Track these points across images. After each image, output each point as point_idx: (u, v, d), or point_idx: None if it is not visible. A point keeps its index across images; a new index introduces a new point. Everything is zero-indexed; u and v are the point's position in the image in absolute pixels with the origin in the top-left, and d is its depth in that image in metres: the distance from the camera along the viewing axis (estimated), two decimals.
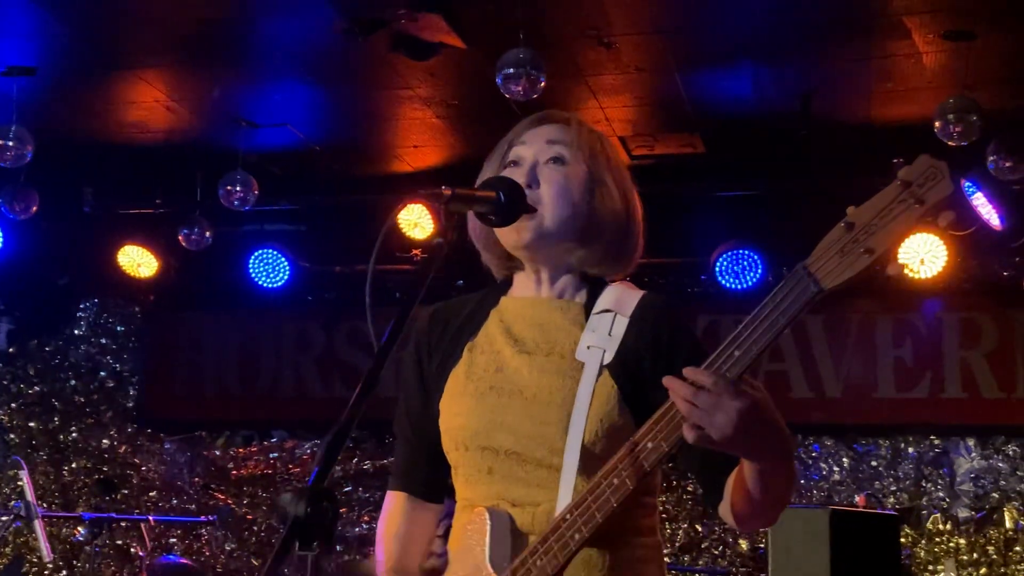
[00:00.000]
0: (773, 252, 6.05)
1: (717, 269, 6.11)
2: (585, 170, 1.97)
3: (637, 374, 1.87)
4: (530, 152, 1.99)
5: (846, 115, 5.34)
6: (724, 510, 1.87)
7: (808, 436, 6.33)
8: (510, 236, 1.95)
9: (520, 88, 4.28)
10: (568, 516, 1.76)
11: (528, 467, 1.87)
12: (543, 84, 4.33)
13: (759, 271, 6.09)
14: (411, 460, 2.08)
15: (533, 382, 1.90)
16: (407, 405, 2.08)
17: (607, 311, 1.95)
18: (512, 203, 1.82)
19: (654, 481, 1.98)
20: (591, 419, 1.84)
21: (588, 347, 1.91)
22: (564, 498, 1.80)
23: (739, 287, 6.10)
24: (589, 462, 1.79)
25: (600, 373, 1.88)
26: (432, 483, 2.06)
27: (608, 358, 1.89)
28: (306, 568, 1.31)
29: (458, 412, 1.95)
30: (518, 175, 1.92)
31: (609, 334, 1.92)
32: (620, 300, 1.96)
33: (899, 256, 5.74)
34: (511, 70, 4.27)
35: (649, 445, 1.71)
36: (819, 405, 6.29)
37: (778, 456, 1.68)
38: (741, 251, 6.07)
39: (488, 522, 1.85)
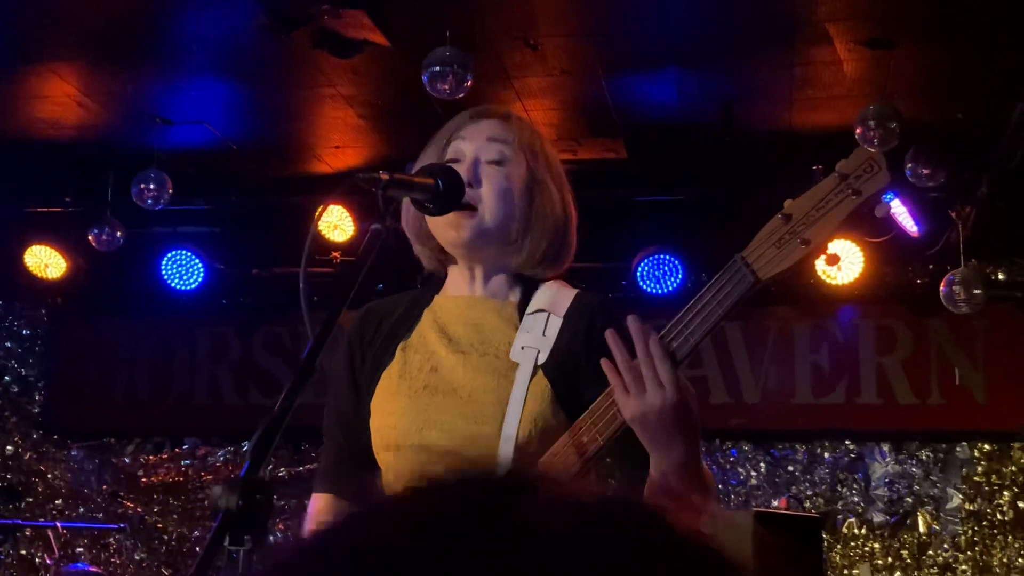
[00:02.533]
0: (694, 257, 6.09)
1: (638, 274, 6.13)
2: (526, 171, 1.95)
3: (571, 373, 1.86)
4: (471, 149, 1.95)
5: (768, 122, 5.39)
6: None
7: (726, 441, 6.37)
8: (448, 233, 1.92)
9: (446, 87, 4.23)
10: None
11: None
12: (469, 84, 4.28)
13: (679, 276, 6.12)
14: (339, 462, 2.03)
15: (468, 382, 1.88)
16: (337, 405, 2.04)
17: (541, 311, 1.94)
18: (450, 192, 1.78)
19: (594, 475, 1.96)
20: (525, 419, 1.83)
21: (522, 347, 1.90)
22: None
23: (660, 292, 6.13)
24: (523, 461, 1.76)
25: (534, 373, 1.87)
26: (360, 485, 2.01)
27: (542, 358, 1.88)
28: (238, 564, 1.24)
29: (391, 411, 1.92)
30: (459, 171, 1.89)
31: (543, 334, 1.91)
32: (554, 300, 1.96)
33: (815, 254, 5.82)
34: (437, 68, 4.22)
35: (585, 439, 1.70)
36: (738, 410, 6.33)
37: (690, 457, 1.67)
38: (662, 256, 6.10)
39: None
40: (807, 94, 5.07)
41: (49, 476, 6.86)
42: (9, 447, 6.91)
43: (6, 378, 7.03)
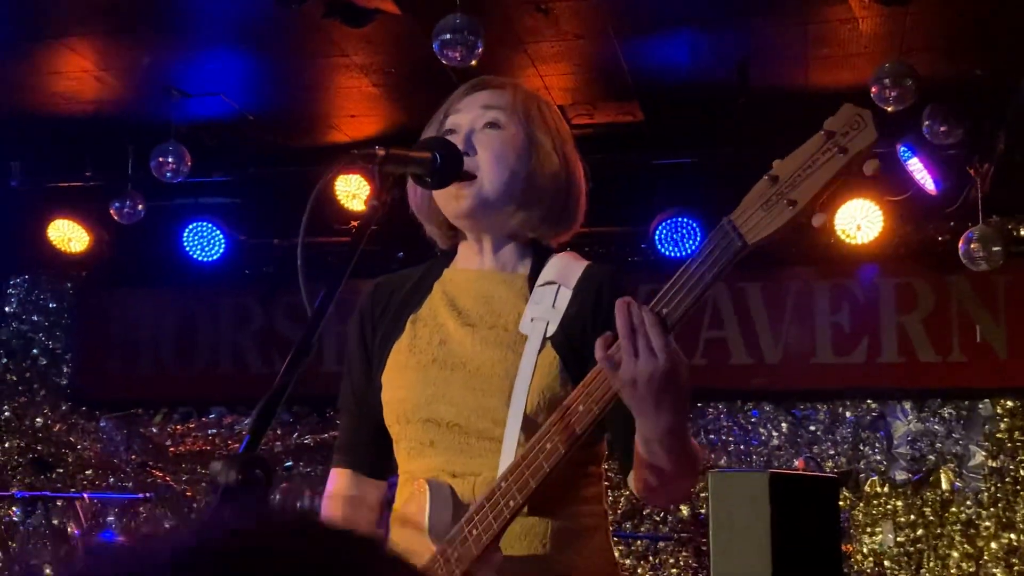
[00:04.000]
0: (712, 219, 6.04)
1: (656, 237, 6.12)
2: (521, 133, 1.96)
3: (580, 345, 1.87)
4: (466, 119, 1.96)
5: (783, 81, 5.35)
6: (630, 481, 1.88)
7: (748, 402, 6.38)
8: (450, 205, 1.94)
9: (457, 54, 4.23)
10: (503, 484, 1.75)
11: (470, 439, 1.87)
12: (480, 50, 4.27)
13: (698, 239, 6.11)
14: (355, 436, 2.06)
15: (476, 355, 1.90)
16: (351, 380, 2.07)
17: (551, 283, 1.94)
18: (448, 164, 1.79)
19: (598, 450, 1.99)
20: (533, 391, 1.84)
21: (532, 319, 1.90)
22: (505, 468, 1.79)
23: (679, 255, 6.12)
24: (531, 433, 1.78)
25: (543, 345, 1.88)
26: (377, 458, 2.04)
27: (551, 330, 1.89)
28: None
29: (400, 385, 1.94)
30: (455, 142, 1.89)
31: (552, 306, 1.92)
32: (564, 271, 1.96)
33: (833, 213, 5.81)
34: (448, 36, 4.22)
35: (580, 408, 1.70)
36: (758, 371, 6.34)
37: (677, 427, 1.67)
38: (680, 219, 6.09)
39: (428, 493, 1.84)
40: (823, 53, 5.03)
41: (79, 447, 6.97)
42: (39, 419, 7.02)
43: (34, 351, 7.13)
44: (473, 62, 4.30)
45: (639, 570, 6.33)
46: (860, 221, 5.79)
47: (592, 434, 1.76)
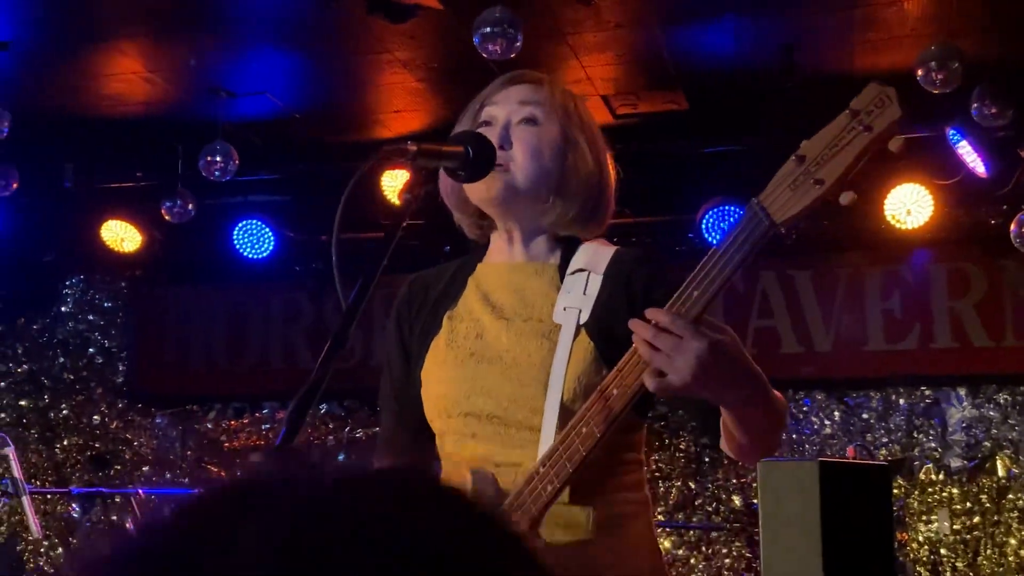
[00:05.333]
0: (754, 197, 6.01)
1: (704, 226, 6.09)
2: (558, 131, 1.97)
3: (613, 330, 1.87)
4: (502, 112, 1.97)
5: (829, 66, 5.30)
6: (723, 446, 1.90)
7: (799, 391, 6.33)
8: (479, 190, 1.95)
9: (497, 48, 4.24)
10: (541, 469, 1.76)
11: (510, 429, 1.89)
12: (520, 43, 4.28)
13: None
14: (396, 431, 2.09)
15: (512, 347, 1.92)
16: (391, 376, 2.10)
17: (581, 270, 1.96)
18: (481, 158, 1.80)
19: (636, 437, 2.00)
20: (569, 378, 1.86)
21: (564, 308, 1.92)
22: (543, 455, 1.81)
23: None
24: (568, 420, 1.79)
25: (577, 333, 1.89)
26: (418, 453, 2.06)
27: (584, 317, 1.91)
28: None
29: (439, 380, 1.97)
30: (491, 135, 1.91)
31: (584, 293, 1.93)
32: (593, 258, 1.97)
33: (883, 198, 5.74)
34: (488, 29, 4.23)
35: (615, 391, 1.71)
36: (809, 359, 6.29)
37: (748, 398, 1.71)
38: (727, 207, 6.04)
39: (471, 483, 1.86)
40: (869, 36, 4.97)
41: (135, 444, 7.08)
42: (96, 416, 7.14)
43: (90, 350, 7.25)
44: (513, 55, 4.30)
45: (692, 560, 6.31)
46: (910, 206, 5.72)
47: (629, 420, 1.78)
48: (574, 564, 1.85)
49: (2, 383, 7.25)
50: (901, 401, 6.21)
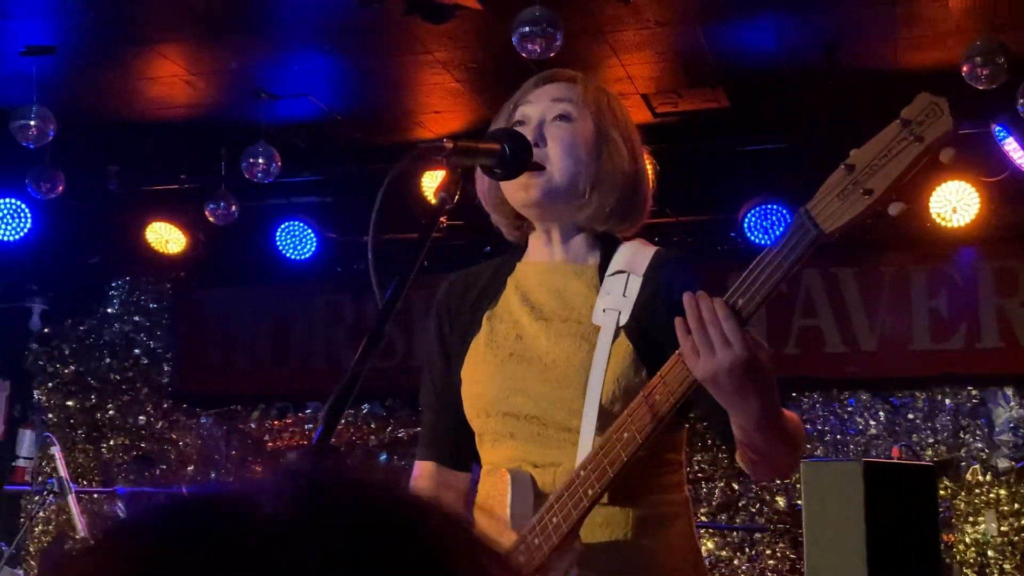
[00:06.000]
0: (802, 205, 5.96)
1: (746, 225, 6.05)
2: (592, 127, 1.96)
3: (652, 332, 1.87)
4: (536, 111, 1.98)
5: (872, 63, 5.24)
6: (738, 458, 1.88)
7: (843, 390, 6.27)
8: (518, 194, 1.95)
9: (537, 47, 4.23)
10: (581, 472, 1.77)
11: (549, 430, 1.89)
12: (560, 42, 4.27)
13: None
14: (437, 429, 2.10)
15: (551, 348, 1.92)
16: (431, 375, 2.11)
17: (621, 272, 1.96)
18: (517, 155, 1.80)
19: (677, 438, 1.99)
20: (608, 380, 1.86)
21: (604, 310, 1.92)
22: (583, 457, 1.82)
23: (768, 242, 6.01)
24: (607, 422, 1.80)
25: (616, 335, 1.89)
26: (459, 451, 2.07)
27: (623, 319, 1.90)
28: None
29: (479, 380, 1.98)
30: (525, 133, 1.91)
31: (623, 295, 1.93)
32: (633, 260, 1.97)
33: (928, 196, 5.67)
34: (527, 28, 4.23)
35: (657, 398, 1.72)
36: (854, 359, 6.22)
37: (759, 422, 1.69)
38: (770, 206, 6.00)
39: (509, 483, 1.86)
40: (911, 32, 4.91)
41: (180, 444, 7.15)
42: (142, 417, 7.22)
43: (136, 351, 7.33)
44: (553, 54, 4.30)
45: (735, 561, 6.27)
46: (956, 204, 5.65)
47: (670, 423, 1.77)
48: (613, 564, 1.85)
49: (50, 384, 7.35)
50: (947, 401, 6.13)
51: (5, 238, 6.49)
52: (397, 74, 5.52)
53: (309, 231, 6.70)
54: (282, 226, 6.70)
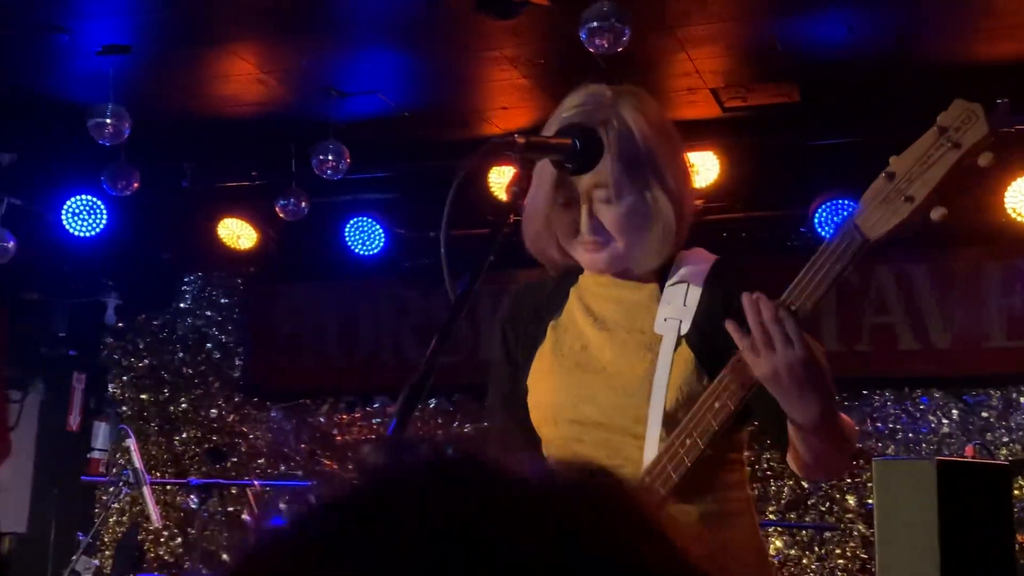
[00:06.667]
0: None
1: (816, 220, 5.97)
2: (633, 198, 1.95)
3: (713, 340, 1.92)
4: (583, 202, 1.96)
5: (945, 55, 5.15)
6: (788, 459, 1.94)
7: (915, 388, 6.17)
8: (582, 258, 2.02)
9: (604, 42, 4.22)
10: (646, 478, 1.84)
11: (615, 436, 1.95)
12: (627, 37, 4.26)
13: None
14: (504, 437, 2.14)
15: (615, 358, 1.99)
16: (497, 384, 2.18)
17: (681, 282, 2.01)
18: (588, 150, 1.80)
19: (739, 438, 2.04)
20: (671, 388, 1.92)
21: (665, 319, 1.98)
22: (648, 462, 1.89)
23: None
24: (671, 427, 1.87)
25: (678, 344, 1.96)
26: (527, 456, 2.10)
27: (684, 328, 1.97)
28: None
29: (546, 389, 2.04)
30: (581, 227, 1.97)
31: (684, 304, 1.99)
32: (693, 269, 2.03)
33: (1003, 191, 5.55)
34: (595, 23, 4.22)
35: (716, 404, 1.79)
36: (926, 356, 6.12)
37: (816, 421, 1.74)
38: (841, 201, 5.92)
39: None
40: (987, 23, 4.82)
41: (251, 436, 7.25)
42: (213, 410, 7.33)
43: (208, 345, 7.45)
44: (620, 49, 4.29)
45: (804, 560, 6.21)
46: None
47: (731, 424, 1.83)
48: None
49: (124, 377, 7.49)
50: (1023, 399, 6.01)
51: (82, 234, 6.63)
52: (464, 71, 5.54)
53: (377, 227, 6.75)
54: (351, 222, 6.76)
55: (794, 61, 5.30)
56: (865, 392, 6.17)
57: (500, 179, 6.08)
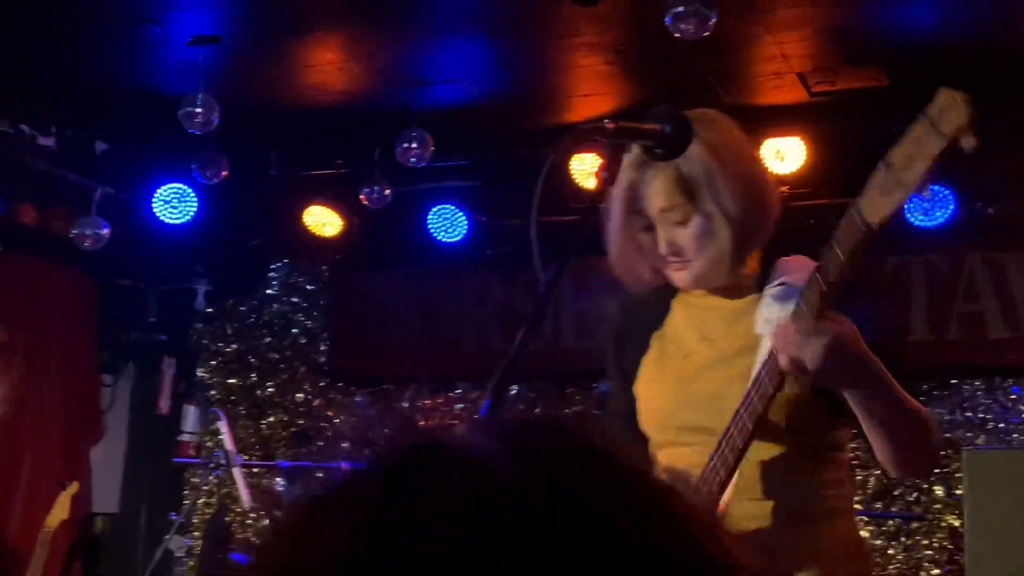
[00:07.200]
0: (967, 186, 5.77)
1: (906, 207, 5.86)
2: (703, 215, 2.05)
3: None
4: (658, 226, 2.09)
5: None
6: (878, 456, 2.03)
7: (1007, 378, 6.04)
8: (671, 277, 2.14)
9: (690, 27, 4.19)
10: (709, 463, 1.96)
11: (718, 437, 2.02)
12: (713, 21, 4.22)
13: (951, 207, 5.82)
14: (624, 437, 2.23)
15: (716, 365, 2.09)
16: (611, 387, 2.33)
17: (781, 284, 2.09)
18: (678, 135, 1.80)
19: (834, 436, 2.11)
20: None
21: (765, 320, 2.06)
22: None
23: (930, 224, 5.85)
24: (767, 427, 1.96)
25: None
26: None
27: None
28: None
29: (651, 396, 2.16)
30: (660, 247, 2.10)
31: (782, 307, 2.03)
32: (795, 277, 2.08)
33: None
34: (681, 8, 4.19)
35: (765, 387, 1.91)
36: (1018, 344, 5.99)
37: (870, 385, 1.86)
38: (932, 186, 5.79)
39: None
40: None
41: (336, 421, 7.35)
42: (299, 395, 7.45)
43: (294, 331, 7.56)
44: (707, 33, 4.25)
45: (890, 551, 6.12)
46: None
47: (827, 420, 1.98)
48: (772, 557, 1.91)
49: (213, 362, 7.64)
50: None
51: (172, 221, 6.77)
52: (547, 57, 5.54)
53: (460, 214, 6.79)
54: (434, 209, 6.81)
55: (882, 44, 5.21)
56: (954, 381, 6.05)
57: (582, 166, 6.08)
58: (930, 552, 6.02)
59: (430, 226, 6.82)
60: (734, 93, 5.64)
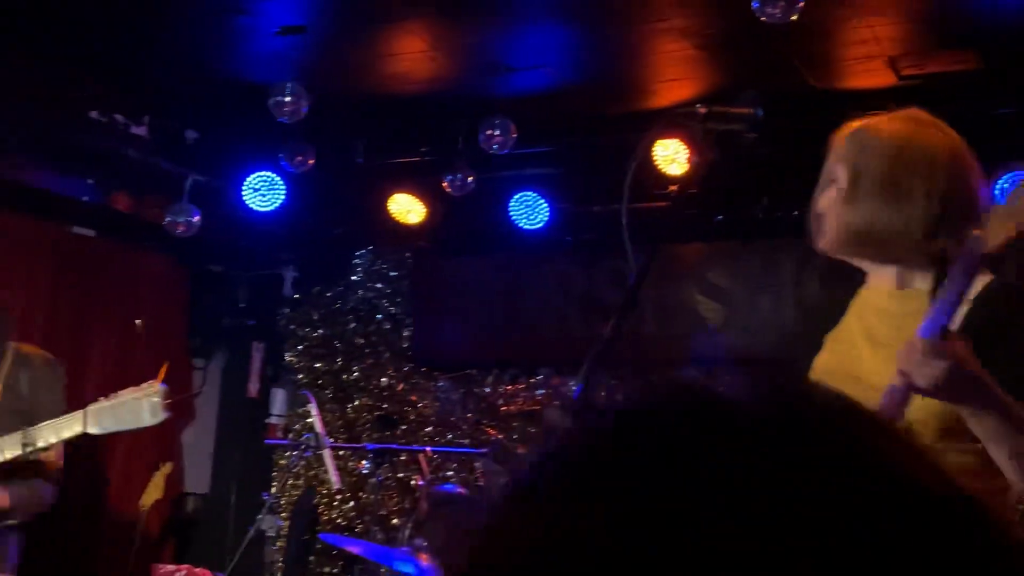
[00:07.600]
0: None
1: (999, 192, 5.74)
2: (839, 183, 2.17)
3: (977, 355, 1.98)
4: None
5: None
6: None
7: None
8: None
9: (777, 11, 4.16)
10: None
11: None
12: (801, 4, 4.18)
13: None
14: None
15: (883, 370, 2.07)
16: None
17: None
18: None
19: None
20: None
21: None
22: None
23: None
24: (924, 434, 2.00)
25: None
26: None
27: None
28: None
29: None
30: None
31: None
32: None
33: None
34: None
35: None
36: None
37: (982, 398, 1.87)
38: None
39: None
40: None
41: (419, 405, 7.43)
42: (384, 379, 7.54)
43: (378, 316, 7.65)
44: (794, 17, 4.21)
45: None
46: None
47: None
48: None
49: (299, 347, 7.77)
50: None
51: (261, 209, 6.89)
52: (631, 43, 5.52)
53: (542, 201, 6.81)
54: (516, 196, 6.84)
55: (973, 27, 5.10)
56: None
57: (665, 152, 6.04)
58: None
59: (512, 213, 6.85)
60: (821, 77, 5.57)
